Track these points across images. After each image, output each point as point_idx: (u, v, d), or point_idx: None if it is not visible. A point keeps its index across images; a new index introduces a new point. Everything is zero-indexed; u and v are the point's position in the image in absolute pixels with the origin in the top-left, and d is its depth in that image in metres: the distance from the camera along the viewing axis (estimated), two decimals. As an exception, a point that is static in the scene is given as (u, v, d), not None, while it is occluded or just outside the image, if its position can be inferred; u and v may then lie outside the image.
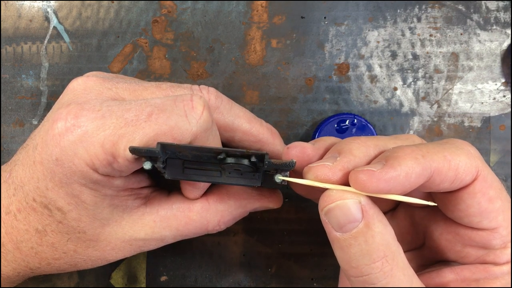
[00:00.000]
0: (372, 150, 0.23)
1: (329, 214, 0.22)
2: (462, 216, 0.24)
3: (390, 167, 0.21)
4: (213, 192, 0.28)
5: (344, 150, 0.23)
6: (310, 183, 0.23)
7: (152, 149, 0.22)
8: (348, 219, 0.21)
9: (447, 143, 0.23)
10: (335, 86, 0.35)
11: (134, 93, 0.26)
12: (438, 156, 0.22)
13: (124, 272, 0.35)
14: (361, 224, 0.21)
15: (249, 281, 0.35)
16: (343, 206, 0.22)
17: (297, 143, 0.25)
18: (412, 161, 0.21)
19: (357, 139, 0.24)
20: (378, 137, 0.24)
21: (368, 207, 0.22)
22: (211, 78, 0.35)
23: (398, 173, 0.21)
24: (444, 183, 0.22)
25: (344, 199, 0.22)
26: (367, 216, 0.21)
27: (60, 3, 0.35)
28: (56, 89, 0.35)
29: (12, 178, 0.26)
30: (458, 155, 0.22)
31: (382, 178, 0.21)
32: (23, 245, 0.26)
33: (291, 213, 0.35)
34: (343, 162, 0.22)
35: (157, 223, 0.27)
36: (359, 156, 0.23)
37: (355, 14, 0.35)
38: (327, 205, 0.22)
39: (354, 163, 0.22)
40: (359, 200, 0.22)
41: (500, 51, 0.35)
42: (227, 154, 0.23)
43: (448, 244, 0.26)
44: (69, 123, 0.23)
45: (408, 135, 0.26)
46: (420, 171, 0.21)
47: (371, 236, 0.21)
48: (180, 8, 0.35)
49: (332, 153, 0.24)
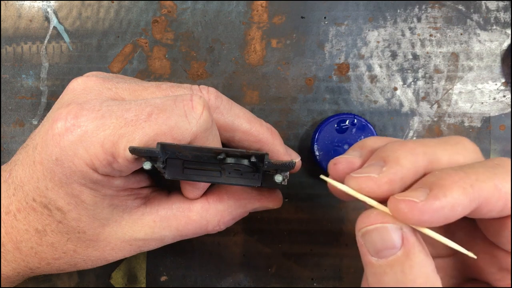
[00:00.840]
0: (421, 159, 0.21)
1: (366, 236, 0.20)
2: (504, 242, 0.21)
3: (434, 198, 0.19)
4: (213, 192, 0.28)
5: (390, 158, 0.21)
6: (352, 192, 0.21)
7: (152, 149, 0.22)
8: (386, 245, 0.20)
9: (499, 165, 0.21)
10: (335, 86, 0.35)
11: (134, 93, 0.26)
12: (488, 184, 0.20)
13: (124, 272, 0.35)
14: (400, 252, 0.20)
15: (249, 281, 0.35)
16: (382, 230, 0.20)
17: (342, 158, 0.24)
18: (460, 191, 0.19)
19: (404, 145, 0.22)
20: (426, 143, 0.22)
21: (409, 235, 0.20)
22: (211, 78, 0.35)
23: (443, 205, 0.19)
24: (492, 212, 0.20)
25: (384, 222, 0.20)
26: (407, 244, 0.20)
27: (60, 3, 0.35)
28: (56, 89, 0.35)
29: (12, 178, 0.26)
30: (508, 181, 0.20)
31: (425, 211, 0.19)
32: (22, 245, 0.26)
33: (291, 213, 0.35)
34: (390, 174, 0.21)
35: (157, 223, 0.27)
36: (407, 167, 0.21)
37: (355, 14, 0.35)
38: (366, 226, 0.20)
39: (402, 175, 0.21)
40: (401, 226, 0.20)
41: (500, 51, 0.35)
42: (227, 154, 0.23)
43: (484, 264, 0.23)
44: (69, 123, 0.23)
45: (458, 139, 0.23)
46: (467, 203, 0.19)
47: (409, 266, 0.19)
48: (180, 8, 0.35)
49: (376, 160, 0.22)
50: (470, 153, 0.22)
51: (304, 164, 0.34)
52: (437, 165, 0.21)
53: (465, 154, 0.22)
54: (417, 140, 0.23)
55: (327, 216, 0.35)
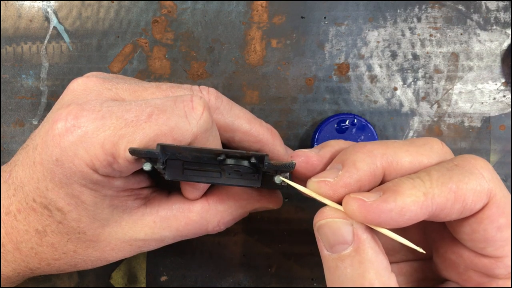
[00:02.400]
0: (379, 161, 0.22)
1: (320, 231, 0.21)
2: (466, 239, 0.22)
3: (383, 201, 0.20)
4: (213, 193, 0.28)
5: (348, 162, 0.22)
6: (310, 193, 0.22)
7: (152, 151, 0.22)
8: (338, 240, 0.21)
9: (457, 166, 0.21)
10: (335, 86, 0.35)
11: (134, 94, 0.26)
12: (442, 190, 0.20)
13: (124, 272, 0.35)
14: (350, 247, 0.20)
15: (249, 281, 0.35)
16: (333, 224, 0.21)
17: (301, 151, 0.24)
18: (411, 198, 0.20)
19: (363, 147, 0.22)
20: (388, 145, 0.22)
21: (361, 232, 0.21)
22: (211, 78, 0.35)
23: (391, 208, 0.20)
24: (451, 215, 0.21)
25: (335, 217, 0.21)
26: (357, 240, 0.20)
27: (60, 3, 0.35)
28: (56, 89, 0.35)
29: (12, 179, 0.26)
30: (466, 182, 0.20)
31: (372, 210, 0.20)
32: (23, 245, 0.26)
33: (291, 213, 0.35)
34: (345, 178, 0.21)
35: (157, 224, 0.27)
36: (363, 169, 0.21)
37: (355, 14, 0.35)
38: (319, 220, 0.21)
39: (357, 177, 0.21)
40: (351, 222, 0.21)
41: (500, 51, 0.35)
42: (227, 155, 0.23)
43: (451, 263, 0.24)
44: (69, 124, 0.23)
45: (426, 140, 0.23)
46: (417, 210, 0.20)
47: (358, 261, 0.20)
48: (180, 8, 0.35)
49: (335, 163, 0.22)
50: (435, 154, 0.22)
51: (304, 164, 0.34)
52: (398, 166, 0.22)
53: (430, 156, 0.22)
54: (379, 141, 0.23)
55: (327, 216, 0.35)
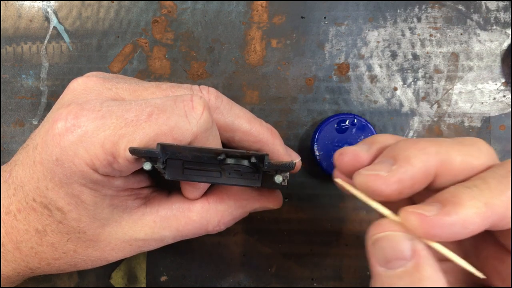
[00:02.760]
0: (433, 159, 0.20)
1: (376, 244, 0.20)
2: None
3: (445, 214, 0.19)
4: (213, 193, 0.28)
5: (401, 157, 0.20)
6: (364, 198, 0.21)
7: (152, 150, 0.22)
8: (396, 255, 0.19)
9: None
10: (335, 86, 0.35)
11: (134, 93, 0.26)
12: (501, 199, 0.19)
13: (124, 272, 0.35)
14: (410, 264, 0.19)
15: (249, 281, 0.35)
16: (393, 238, 0.19)
17: (348, 149, 0.23)
18: (473, 210, 0.19)
19: (416, 143, 0.21)
20: (440, 143, 0.21)
21: (421, 247, 0.19)
22: (211, 78, 0.35)
23: (454, 221, 0.18)
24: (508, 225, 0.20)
25: (395, 230, 0.19)
26: (417, 256, 0.19)
27: (60, 3, 0.35)
28: (56, 89, 0.35)
29: (12, 178, 0.26)
30: None
31: (435, 225, 0.18)
32: (23, 245, 0.26)
33: (291, 213, 0.35)
34: (399, 173, 0.20)
35: (157, 224, 0.27)
36: (417, 166, 0.20)
37: (355, 14, 0.35)
38: (377, 233, 0.20)
39: (411, 174, 0.20)
40: (412, 237, 0.19)
41: (500, 51, 0.35)
42: (227, 155, 0.23)
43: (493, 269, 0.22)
44: (69, 123, 0.23)
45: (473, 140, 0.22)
46: (480, 221, 0.19)
47: (419, 279, 0.18)
48: (180, 8, 0.35)
49: (386, 157, 0.21)
50: (484, 156, 0.21)
51: (304, 164, 0.34)
52: (450, 166, 0.21)
53: (479, 157, 0.21)
54: (431, 139, 0.22)
55: (327, 216, 0.35)
